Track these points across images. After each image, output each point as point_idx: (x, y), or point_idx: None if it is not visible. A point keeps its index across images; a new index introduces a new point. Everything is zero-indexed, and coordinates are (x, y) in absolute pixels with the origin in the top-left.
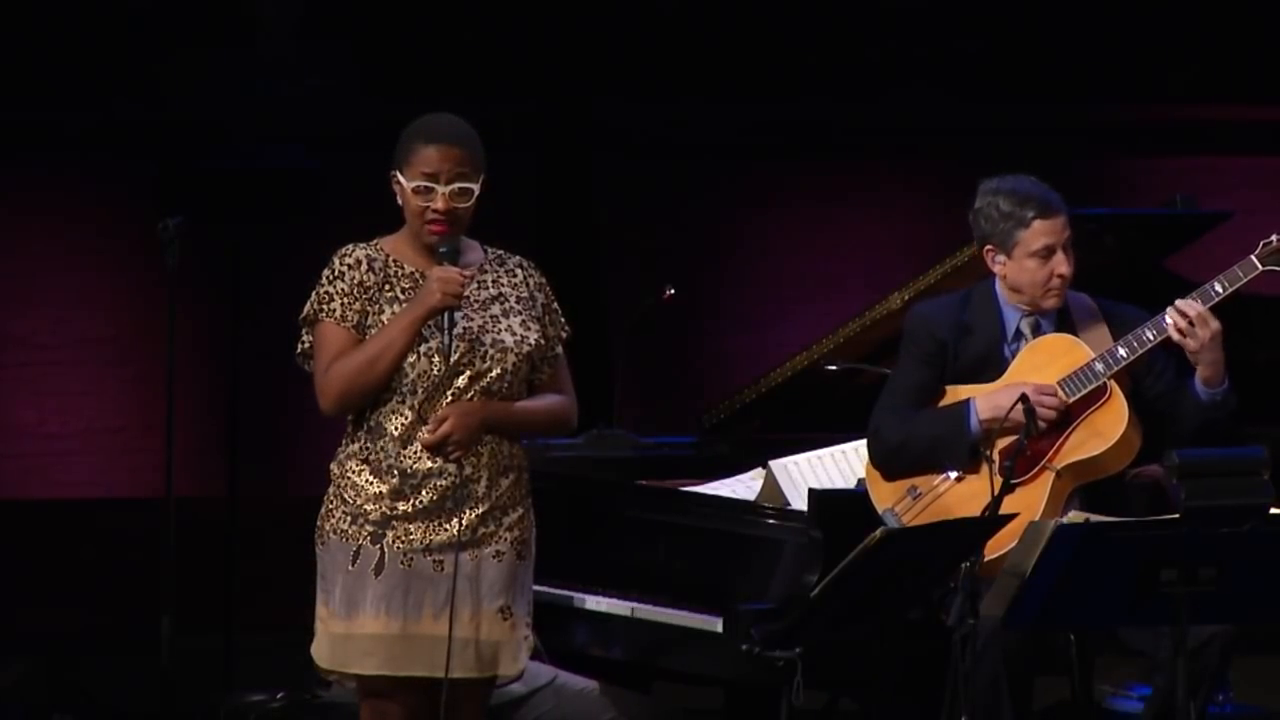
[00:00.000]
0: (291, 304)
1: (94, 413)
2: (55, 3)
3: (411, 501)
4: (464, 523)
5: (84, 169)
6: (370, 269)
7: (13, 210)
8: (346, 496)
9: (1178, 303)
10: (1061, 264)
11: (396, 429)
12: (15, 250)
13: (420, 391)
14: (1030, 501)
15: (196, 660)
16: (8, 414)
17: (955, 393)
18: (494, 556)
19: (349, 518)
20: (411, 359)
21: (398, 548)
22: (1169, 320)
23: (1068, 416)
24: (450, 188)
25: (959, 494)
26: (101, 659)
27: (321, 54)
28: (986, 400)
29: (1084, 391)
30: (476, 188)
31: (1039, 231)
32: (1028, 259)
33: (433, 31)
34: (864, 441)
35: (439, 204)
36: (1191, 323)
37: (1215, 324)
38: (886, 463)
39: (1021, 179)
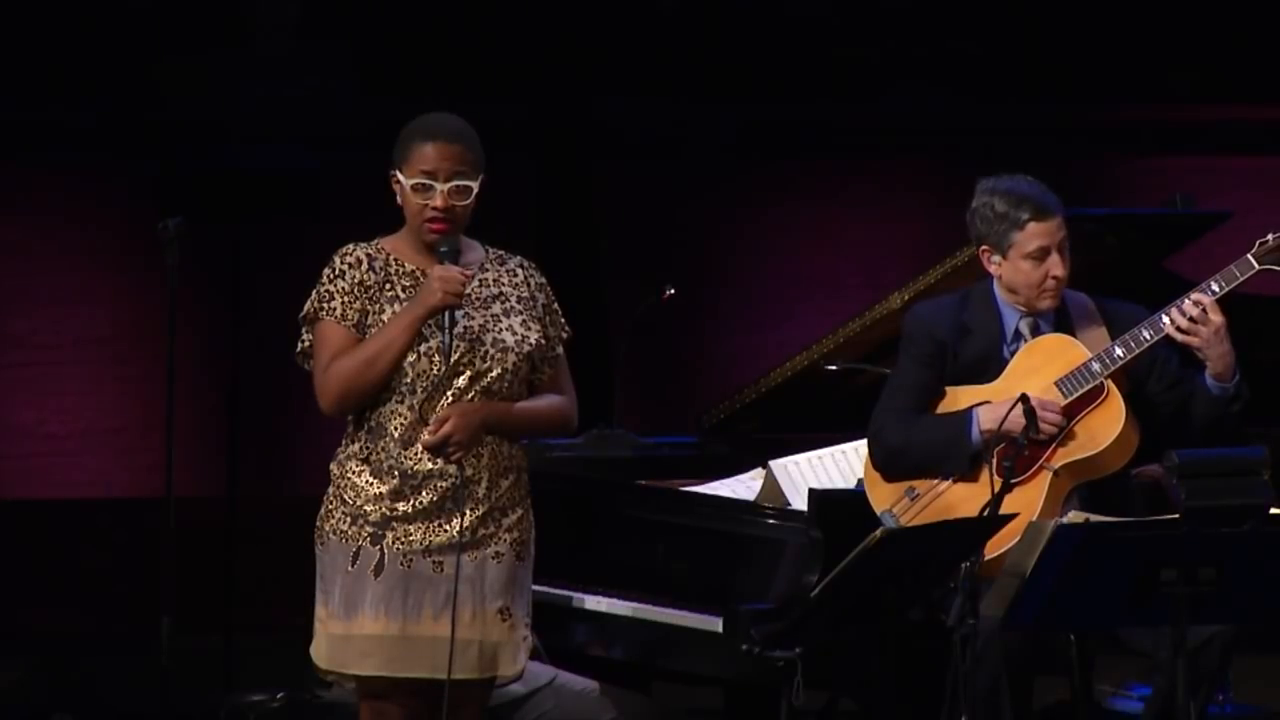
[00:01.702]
0: (291, 304)
1: (94, 413)
2: (55, 3)
3: (411, 502)
4: (464, 524)
5: (84, 169)
6: (371, 268)
7: (13, 210)
8: (346, 497)
9: (1182, 303)
10: (1056, 266)
11: (397, 429)
12: (15, 250)
13: (420, 391)
14: (1028, 501)
15: (196, 660)
16: (8, 414)
17: (955, 393)
18: (493, 557)
19: (349, 518)
20: (411, 358)
21: (397, 549)
22: (1167, 320)
23: (1065, 416)
24: (449, 185)
25: (957, 494)
26: (101, 659)
27: (320, 54)
28: (990, 411)
29: (1081, 391)
30: (475, 186)
31: (1033, 234)
32: (1022, 260)
33: (432, 31)
34: (864, 441)
35: (438, 202)
36: (1194, 319)
37: (1219, 318)
38: (886, 465)
39: (1019, 180)
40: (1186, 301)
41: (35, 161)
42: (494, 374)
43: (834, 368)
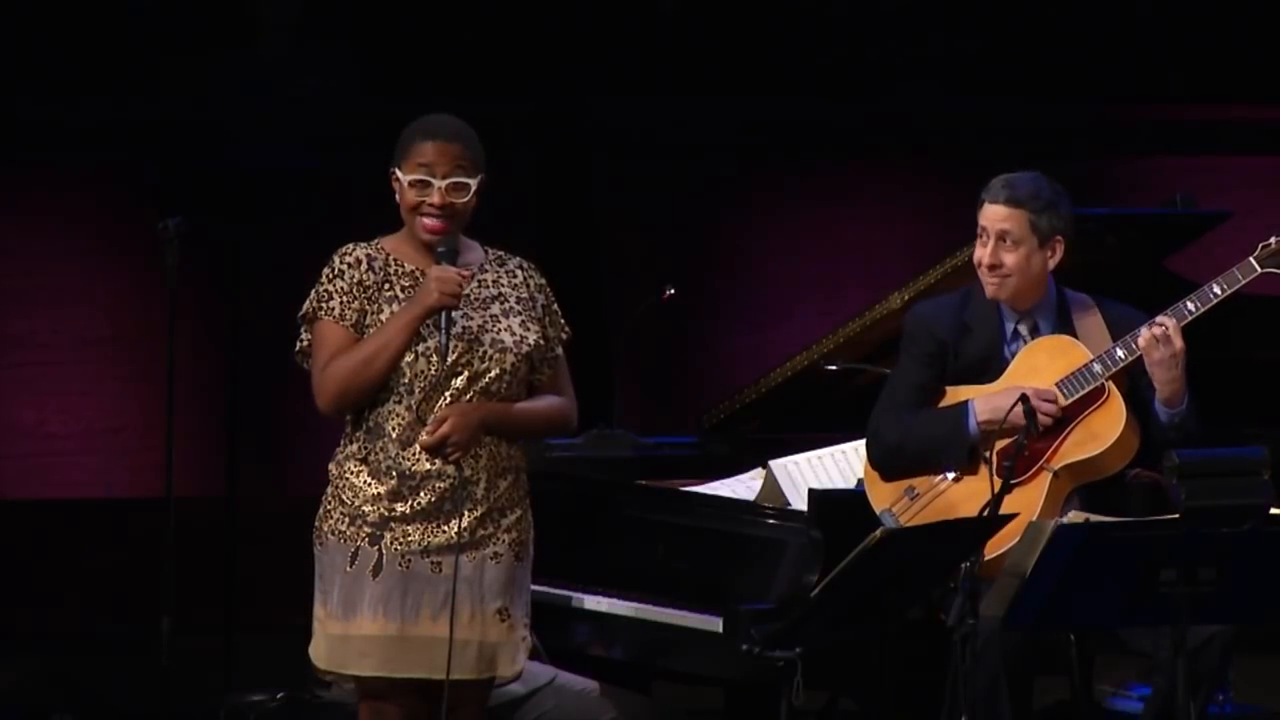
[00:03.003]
0: (291, 304)
1: (94, 413)
2: (55, 2)
3: (410, 503)
4: (462, 524)
5: (84, 169)
6: (370, 268)
7: (13, 210)
8: (344, 497)
9: (1159, 316)
10: (983, 250)
11: (395, 430)
12: (15, 250)
13: (418, 391)
14: (1027, 502)
15: (196, 660)
16: (8, 414)
17: (955, 393)
18: (492, 558)
19: (347, 519)
20: (409, 359)
21: (395, 549)
22: (1143, 330)
23: (1066, 417)
24: (446, 182)
25: (957, 494)
26: (101, 659)
27: (321, 54)
28: (985, 402)
29: (1082, 392)
30: (473, 184)
31: (982, 214)
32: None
33: (432, 31)
34: (864, 441)
35: (435, 198)
36: (1155, 338)
37: (1179, 345)
38: (885, 463)
39: (1027, 172)
40: (1162, 317)
41: (35, 161)
42: (492, 374)
43: (834, 368)
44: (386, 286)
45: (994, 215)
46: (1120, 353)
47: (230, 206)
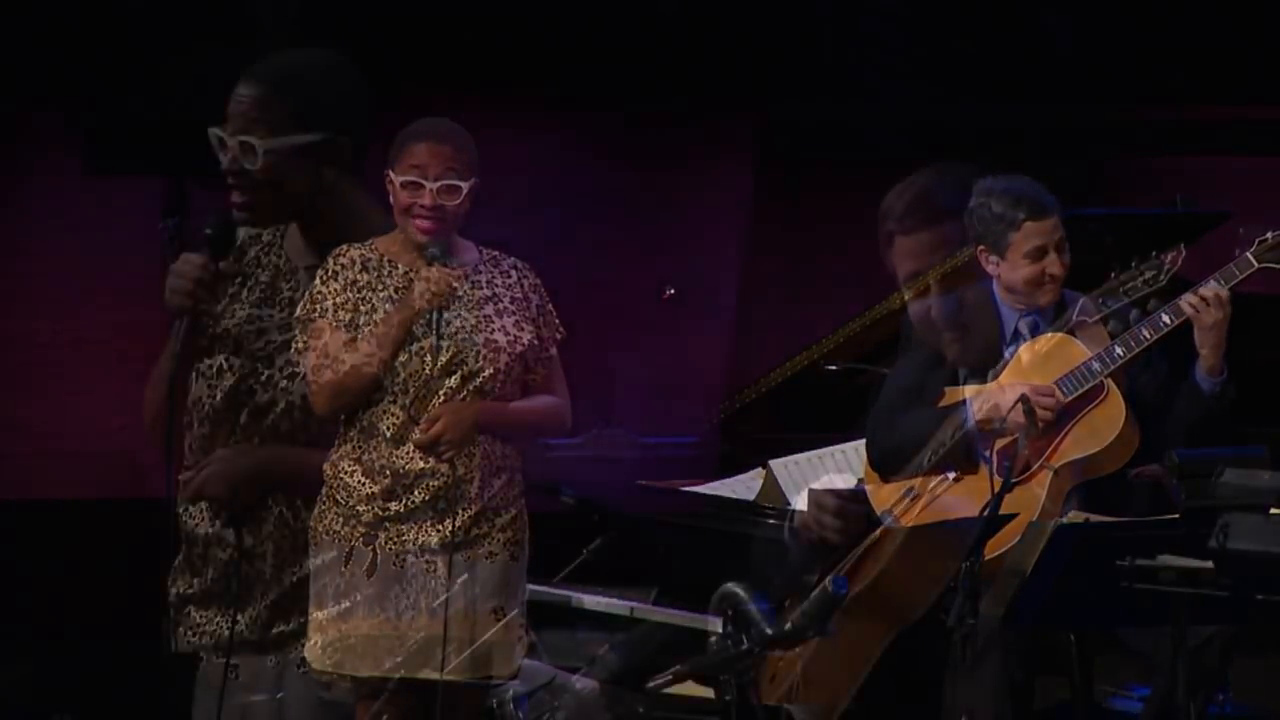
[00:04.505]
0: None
1: (94, 413)
2: (55, 2)
3: (404, 502)
4: (456, 524)
5: (84, 169)
6: (364, 268)
7: (13, 210)
8: (339, 497)
9: (1200, 288)
10: (1053, 264)
11: (388, 429)
12: (15, 250)
13: (411, 391)
14: (1028, 501)
15: (196, 660)
16: (8, 414)
17: (954, 394)
18: (487, 557)
19: (341, 519)
20: (402, 359)
21: (390, 549)
22: (1166, 319)
23: (1065, 415)
24: (438, 184)
25: (957, 494)
26: (101, 659)
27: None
28: (982, 400)
29: (1081, 390)
30: (465, 186)
31: (1030, 233)
32: (1020, 259)
33: (432, 32)
34: (864, 441)
35: (426, 199)
36: (1207, 301)
37: (1229, 309)
38: (883, 465)
39: (1015, 179)
40: (1204, 288)
41: (36, 161)
42: (485, 374)
43: (834, 368)
44: (380, 287)
45: (1050, 227)
46: (1119, 350)
47: (230, 205)
